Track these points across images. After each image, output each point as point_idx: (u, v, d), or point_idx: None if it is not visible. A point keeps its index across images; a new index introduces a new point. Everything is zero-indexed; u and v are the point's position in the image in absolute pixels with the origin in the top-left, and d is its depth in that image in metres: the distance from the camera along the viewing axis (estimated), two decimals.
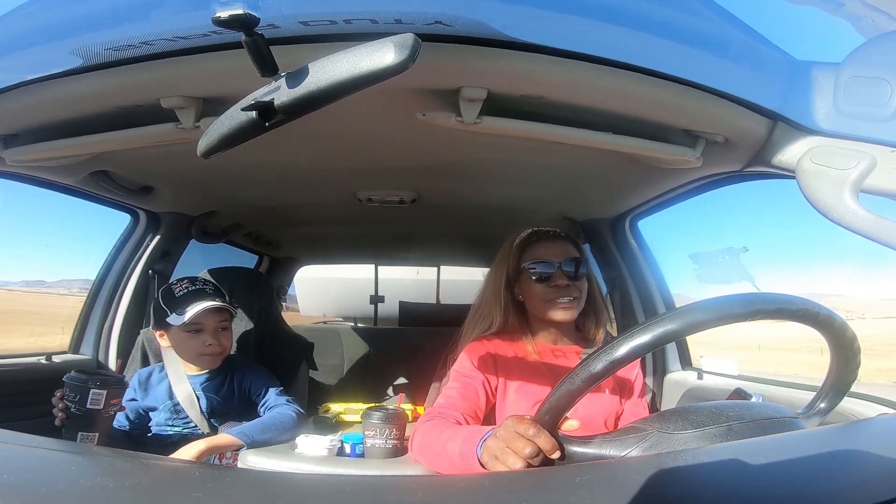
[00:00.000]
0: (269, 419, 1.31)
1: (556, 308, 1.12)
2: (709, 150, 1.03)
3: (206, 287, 1.40)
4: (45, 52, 0.84)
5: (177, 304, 1.35)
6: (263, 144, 0.75)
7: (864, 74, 0.78)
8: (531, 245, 1.17)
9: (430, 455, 0.95)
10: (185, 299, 1.35)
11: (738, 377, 1.48)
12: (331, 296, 3.65)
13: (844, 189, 0.76)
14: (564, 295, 1.12)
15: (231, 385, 1.42)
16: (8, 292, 7.64)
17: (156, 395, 1.38)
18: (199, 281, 1.42)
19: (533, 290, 1.14)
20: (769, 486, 0.43)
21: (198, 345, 1.36)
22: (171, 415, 1.36)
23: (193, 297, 1.35)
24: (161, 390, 1.38)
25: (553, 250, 1.15)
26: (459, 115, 0.92)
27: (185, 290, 1.37)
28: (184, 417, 1.36)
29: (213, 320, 1.37)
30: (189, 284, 1.40)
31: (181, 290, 1.38)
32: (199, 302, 1.33)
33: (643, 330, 0.61)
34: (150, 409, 1.38)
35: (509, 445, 0.67)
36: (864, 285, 21.10)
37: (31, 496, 0.39)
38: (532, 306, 1.16)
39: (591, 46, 0.79)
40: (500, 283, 1.19)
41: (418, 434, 1.01)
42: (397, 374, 2.46)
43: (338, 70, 0.58)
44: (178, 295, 1.37)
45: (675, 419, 0.70)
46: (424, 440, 0.98)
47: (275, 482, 0.47)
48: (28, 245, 14.21)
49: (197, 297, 1.35)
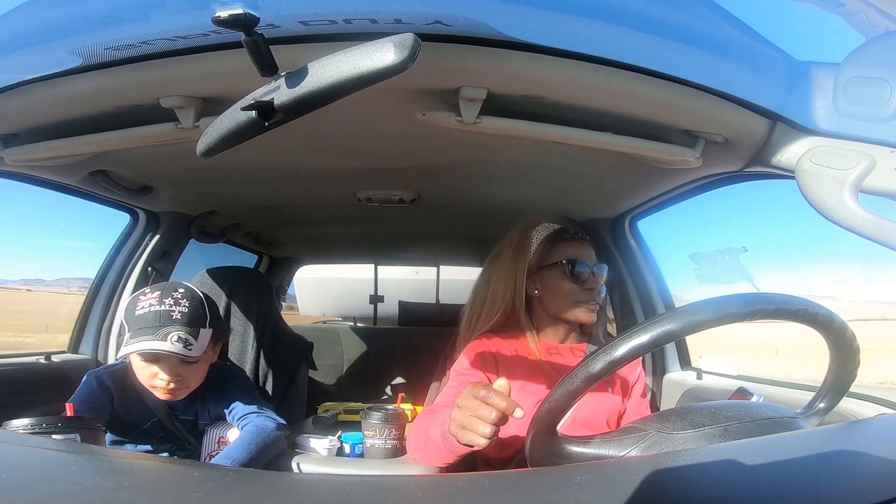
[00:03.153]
0: (249, 437, 1.10)
1: (582, 309, 1.12)
2: (708, 151, 1.03)
3: (175, 310, 1.08)
4: (45, 52, 0.84)
5: (134, 324, 1.08)
6: (263, 144, 0.75)
7: (863, 74, 0.78)
8: (563, 242, 1.16)
9: (421, 448, 0.96)
10: (138, 323, 1.07)
11: (737, 377, 1.48)
12: (330, 296, 3.65)
13: (844, 189, 0.76)
14: (592, 299, 1.13)
15: (203, 405, 1.22)
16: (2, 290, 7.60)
17: (137, 409, 1.18)
18: (174, 297, 1.10)
19: (562, 287, 1.13)
20: (768, 486, 0.43)
21: (148, 376, 1.10)
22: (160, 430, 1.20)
23: (147, 326, 1.06)
24: (143, 406, 1.17)
25: (586, 252, 1.15)
26: (459, 114, 0.92)
27: (146, 309, 1.08)
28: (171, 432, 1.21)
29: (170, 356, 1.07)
30: (156, 301, 1.09)
31: (144, 306, 1.09)
32: (143, 339, 1.04)
33: (642, 330, 0.61)
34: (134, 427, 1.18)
35: (475, 414, 0.72)
36: (857, 287, 21.20)
37: (31, 496, 0.39)
38: (552, 303, 1.14)
39: (591, 46, 0.79)
40: (516, 273, 1.15)
41: (412, 432, 1.02)
42: (396, 374, 2.47)
43: (338, 70, 0.58)
44: (138, 313, 1.08)
45: (674, 419, 0.70)
46: (415, 435, 1.00)
47: (275, 482, 0.47)
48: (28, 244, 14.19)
49: (149, 329, 1.05)
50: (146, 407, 1.17)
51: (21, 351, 1.60)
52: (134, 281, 1.77)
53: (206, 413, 1.22)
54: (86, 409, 1.09)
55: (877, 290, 20.55)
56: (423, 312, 2.98)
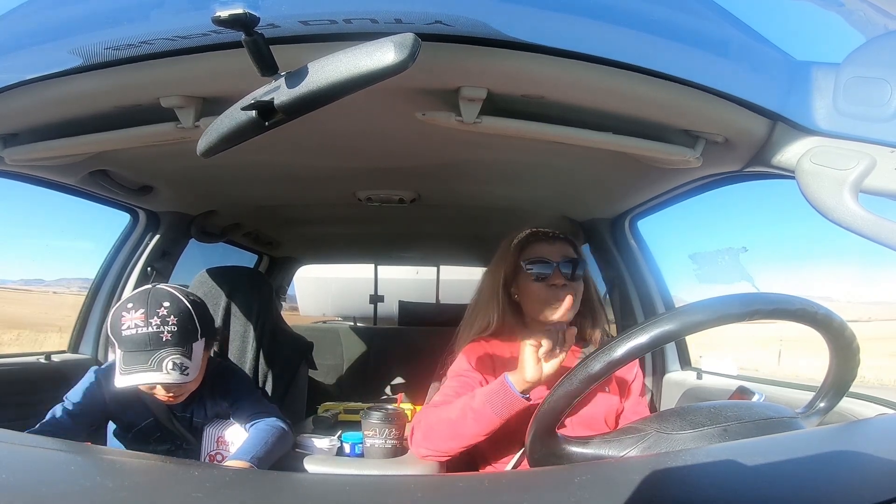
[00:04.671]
0: (264, 434, 1.09)
1: (551, 308, 1.12)
2: (709, 151, 1.03)
3: (164, 330, 1.02)
4: (45, 51, 0.84)
5: (122, 344, 1.03)
6: (263, 144, 0.75)
7: (864, 74, 0.78)
8: (529, 245, 1.17)
9: (443, 429, 1.01)
10: (126, 346, 1.02)
11: (737, 377, 1.48)
12: (330, 295, 3.65)
13: (844, 189, 0.76)
14: (558, 295, 1.12)
15: (201, 403, 1.21)
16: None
17: (134, 409, 1.17)
18: (160, 315, 1.02)
19: (530, 289, 1.14)
20: (768, 486, 0.43)
21: (145, 388, 1.08)
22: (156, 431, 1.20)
23: (139, 352, 1.01)
24: (141, 405, 1.17)
25: (551, 250, 1.15)
26: (459, 114, 0.92)
27: (133, 331, 1.01)
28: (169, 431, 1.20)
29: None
30: (142, 322, 1.01)
31: (130, 326, 1.01)
32: (138, 369, 1.00)
33: (641, 330, 0.61)
34: (129, 423, 1.18)
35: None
36: (856, 288, 21.06)
37: (31, 496, 0.39)
38: (528, 306, 1.16)
39: (591, 46, 0.79)
40: (497, 282, 1.18)
41: (421, 424, 1.04)
42: (396, 374, 2.46)
43: (338, 70, 0.58)
44: (125, 334, 1.01)
45: (673, 419, 0.70)
46: (430, 422, 1.03)
47: (274, 482, 0.47)
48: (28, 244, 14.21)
49: (142, 355, 1.00)
50: (144, 407, 1.17)
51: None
52: (134, 281, 1.77)
53: (202, 412, 1.21)
54: (80, 405, 1.11)
55: (869, 292, 20.55)
56: (423, 312, 2.98)
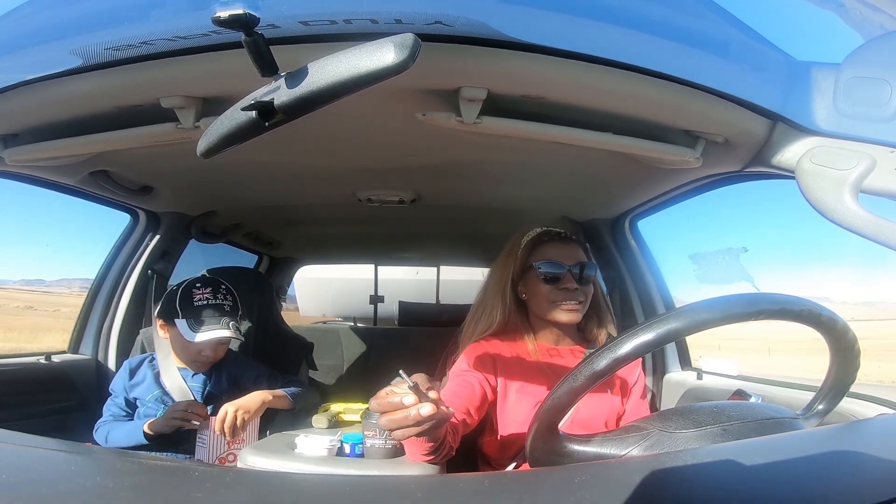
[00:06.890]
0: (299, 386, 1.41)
1: (560, 310, 1.12)
2: (709, 151, 1.03)
3: (225, 303, 1.35)
4: (45, 52, 0.84)
5: (191, 313, 1.31)
6: (263, 144, 0.75)
7: (864, 75, 0.78)
8: (541, 245, 1.17)
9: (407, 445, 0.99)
10: (202, 314, 1.31)
11: (737, 377, 1.48)
12: (330, 296, 3.65)
13: (844, 189, 0.76)
14: (571, 298, 1.12)
15: (220, 375, 1.41)
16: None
17: (142, 386, 1.37)
18: (221, 292, 1.36)
19: (539, 289, 1.14)
20: (769, 486, 0.43)
21: (193, 353, 1.35)
22: (159, 405, 1.35)
23: (210, 317, 1.31)
24: (149, 381, 1.37)
25: (563, 253, 1.15)
26: (459, 115, 0.92)
27: (204, 302, 1.32)
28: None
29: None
30: (210, 296, 1.34)
31: (201, 299, 1.33)
32: (215, 328, 1.29)
33: (647, 328, 0.61)
34: (135, 400, 1.36)
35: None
36: (855, 288, 21.04)
37: (31, 496, 0.39)
38: (536, 306, 1.16)
39: (591, 46, 0.79)
40: (505, 279, 1.18)
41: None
42: (396, 375, 2.46)
43: (338, 70, 0.58)
44: (197, 304, 1.32)
45: (676, 418, 0.70)
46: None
47: (274, 482, 0.47)
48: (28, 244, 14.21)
49: (214, 319, 1.30)
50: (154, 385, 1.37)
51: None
52: (134, 281, 1.77)
53: (220, 379, 1.42)
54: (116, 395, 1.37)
55: (869, 293, 20.57)
56: (423, 313, 2.98)
